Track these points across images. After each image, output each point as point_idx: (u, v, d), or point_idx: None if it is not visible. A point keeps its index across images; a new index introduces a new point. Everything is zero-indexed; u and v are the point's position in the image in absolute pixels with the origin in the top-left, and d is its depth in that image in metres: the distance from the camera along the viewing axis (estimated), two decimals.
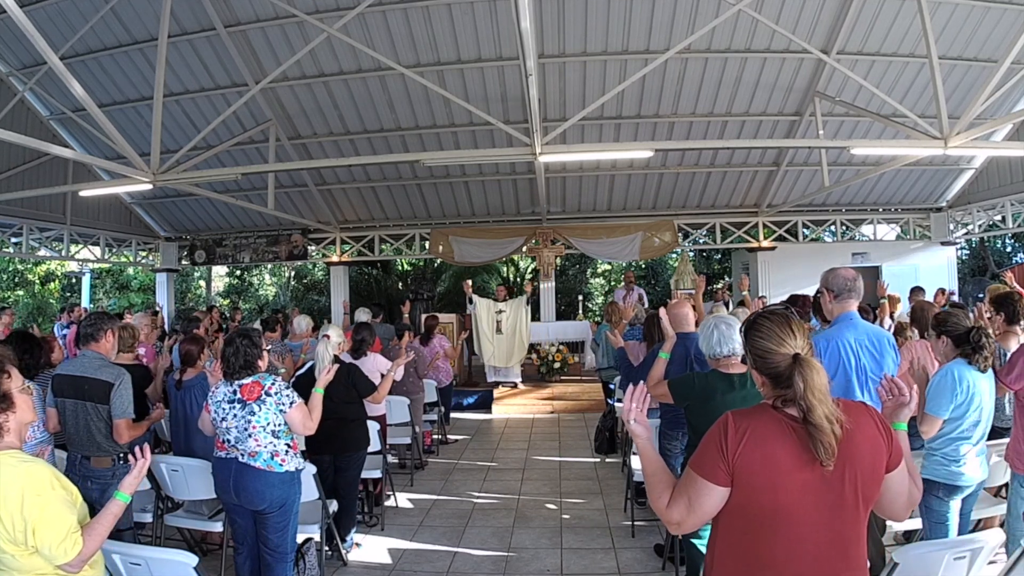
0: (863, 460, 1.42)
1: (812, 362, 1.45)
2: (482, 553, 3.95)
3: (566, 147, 7.47)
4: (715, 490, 1.44)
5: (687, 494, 1.48)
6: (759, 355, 1.53)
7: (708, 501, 1.45)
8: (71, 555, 1.74)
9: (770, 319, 1.55)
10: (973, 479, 2.74)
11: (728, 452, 1.42)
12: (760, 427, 1.44)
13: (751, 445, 1.41)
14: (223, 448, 2.88)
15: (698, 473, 1.46)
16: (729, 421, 1.47)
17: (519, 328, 9.19)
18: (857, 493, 1.41)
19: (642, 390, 1.66)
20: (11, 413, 1.82)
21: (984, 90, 5.65)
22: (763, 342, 1.52)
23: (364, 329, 4.74)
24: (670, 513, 1.51)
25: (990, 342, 2.73)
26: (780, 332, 1.51)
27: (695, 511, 1.47)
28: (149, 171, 6.60)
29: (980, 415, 2.75)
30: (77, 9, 7.29)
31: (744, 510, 1.43)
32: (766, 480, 1.39)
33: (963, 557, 2.10)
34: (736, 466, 1.41)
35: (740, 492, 1.42)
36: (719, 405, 2.56)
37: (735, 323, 2.69)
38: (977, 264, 17.84)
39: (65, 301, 15.68)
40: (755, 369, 1.56)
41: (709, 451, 1.46)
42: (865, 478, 1.42)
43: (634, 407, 1.63)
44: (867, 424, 1.47)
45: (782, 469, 1.39)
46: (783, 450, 1.40)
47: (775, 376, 1.49)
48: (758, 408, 1.51)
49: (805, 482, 1.38)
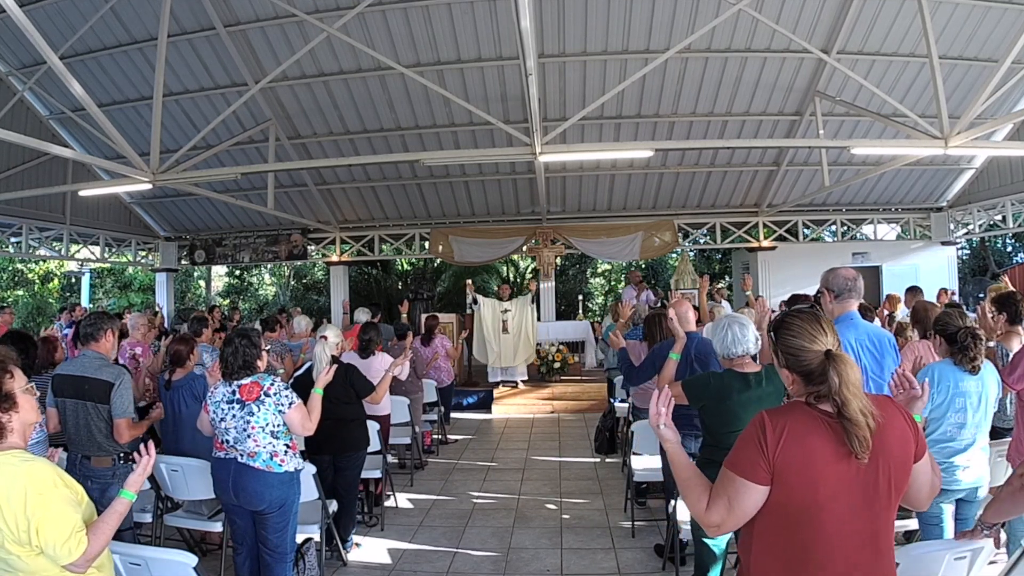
0: (894, 452, 1.46)
1: (845, 357, 1.48)
2: (482, 553, 3.94)
3: (566, 147, 7.47)
4: (756, 489, 1.44)
5: (726, 495, 1.48)
6: (792, 353, 1.55)
7: (748, 500, 1.46)
8: (76, 555, 1.72)
9: (800, 317, 1.58)
10: (964, 483, 2.70)
11: (768, 450, 1.43)
12: (797, 424, 1.45)
13: (790, 441, 1.43)
14: (222, 448, 2.87)
15: (737, 473, 1.47)
16: (765, 419, 1.47)
17: (525, 327, 9.18)
18: (890, 484, 1.45)
19: (667, 393, 1.68)
20: (14, 413, 1.80)
21: (984, 90, 5.64)
22: (795, 340, 1.54)
23: (371, 329, 4.75)
24: (710, 516, 1.51)
25: (978, 344, 2.71)
26: (812, 330, 1.54)
27: (735, 511, 1.47)
28: (149, 171, 6.60)
29: (965, 418, 2.70)
30: (77, 9, 7.29)
31: (783, 507, 1.44)
32: (806, 476, 1.41)
33: (963, 557, 2.10)
34: (777, 463, 1.42)
35: (780, 489, 1.43)
36: (735, 405, 2.56)
37: (749, 323, 2.69)
38: (978, 264, 17.83)
39: (65, 301, 15.67)
40: (786, 367, 1.57)
41: (747, 450, 1.47)
42: (897, 469, 1.46)
43: (663, 411, 1.64)
44: (896, 416, 1.50)
45: (820, 464, 1.41)
46: (820, 445, 1.42)
47: (807, 373, 1.51)
48: (791, 406, 1.53)
49: (842, 476, 1.41)
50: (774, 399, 2.65)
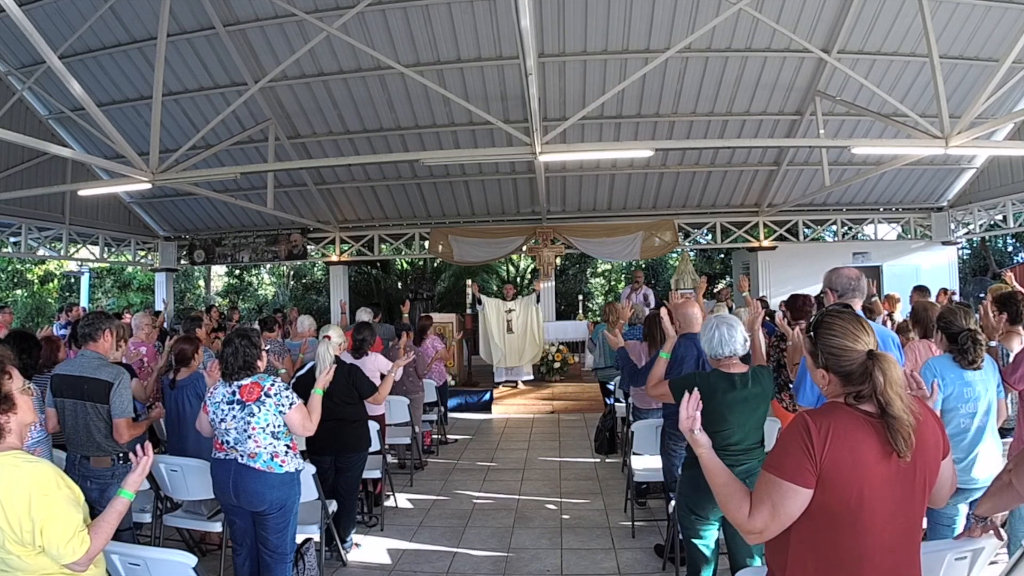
0: (929, 449, 1.48)
1: (888, 356, 1.47)
2: (482, 553, 3.93)
3: (566, 146, 7.46)
4: (802, 492, 1.43)
5: (770, 500, 1.46)
6: (833, 353, 1.52)
7: (794, 504, 1.44)
8: (79, 554, 1.75)
9: (842, 317, 1.56)
10: (980, 479, 2.70)
11: (816, 452, 1.41)
12: (841, 424, 1.44)
13: (837, 443, 1.41)
14: (222, 449, 2.86)
15: (782, 477, 1.44)
16: (809, 421, 1.45)
17: (531, 326, 9.17)
18: (925, 482, 1.47)
19: (696, 397, 1.66)
20: (12, 414, 1.81)
21: (985, 89, 5.64)
22: (838, 339, 1.52)
23: (365, 329, 4.73)
24: (753, 523, 1.48)
25: (978, 348, 2.71)
26: (854, 330, 1.52)
27: (779, 516, 1.45)
28: (148, 170, 6.59)
29: (976, 406, 2.73)
30: (76, 8, 7.28)
31: (827, 508, 1.43)
32: (853, 477, 1.40)
33: (964, 557, 2.10)
34: (824, 466, 1.41)
35: (826, 491, 1.42)
36: (720, 405, 2.56)
37: (737, 324, 2.69)
38: (978, 264, 17.82)
39: (64, 301, 15.66)
40: (824, 367, 1.55)
41: (792, 454, 1.44)
42: (930, 466, 1.48)
43: (697, 416, 1.63)
44: (927, 415, 1.51)
45: (867, 464, 1.41)
46: (866, 446, 1.42)
47: (847, 374, 1.50)
48: (831, 406, 1.52)
49: (886, 475, 1.41)
50: (760, 400, 2.66)
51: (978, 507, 2.09)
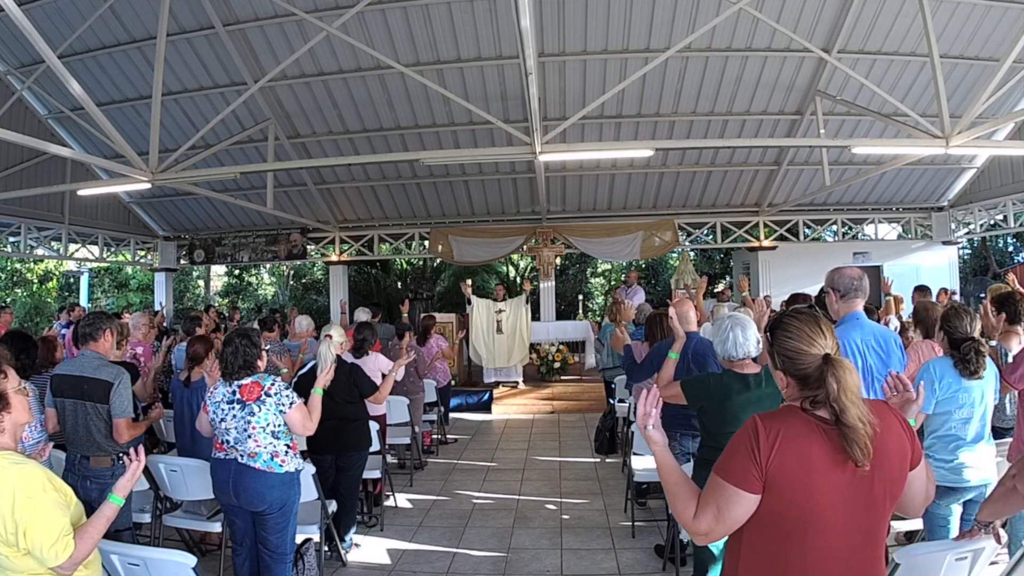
0: (891, 459, 1.40)
1: (844, 362, 1.41)
2: (482, 553, 3.93)
3: (566, 146, 7.45)
4: (747, 497, 1.38)
5: (715, 503, 1.41)
6: (788, 356, 1.47)
7: (739, 509, 1.39)
8: (63, 558, 1.73)
9: (799, 319, 1.50)
10: (972, 481, 2.70)
11: (761, 457, 1.36)
12: (791, 430, 1.39)
13: (785, 449, 1.36)
14: (222, 449, 2.86)
15: (728, 480, 1.40)
16: (759, 425, 1.40)
17: (519, 327, 9.17)
18: (885, 492, 1.39)
19: (655, 393, 1.60)
20: (6, 414, 1.81)
21: (986, 89, 5.63)
22: (793, 342, 1.47)
23: (366, 328, 4.73)
24: (698, 524, 1.44)
25: (980, 358, 2.69)
26: (810, 332, 1.47)
27: (724, 520, 1.41)
28: (148, 170, 6.58)
29: (971, 412, 2.71)
30: (75, 8, 7.27)
31: (776, 515, 1.38)
32: (801, 484, 1.35)
33: (964, 558, 2.10)
34: (770, 471, 1.36)
35: (773, 497, 1.37)
36: (733, 406, 2.55)
37: (750, 325, 2.68)
38: (979, 264, 17.81)
39: (63, 300, 15.65)
40: (782, 370, 1.50)
41: (739, 457, 1.40)
42: (893, 477, 1.41)
43: (653, 412, 1.57)
44: (892, 422, 1.45)
45: (816, 472, 1.35)
46: (816, 452, 1.36)
47: (803, 377, 1.45)
48: (785, 410, 1.47)
49: (837, 484, 1.36)
50: (773, 400, 2.63)
51: (980, 512, 2.07)
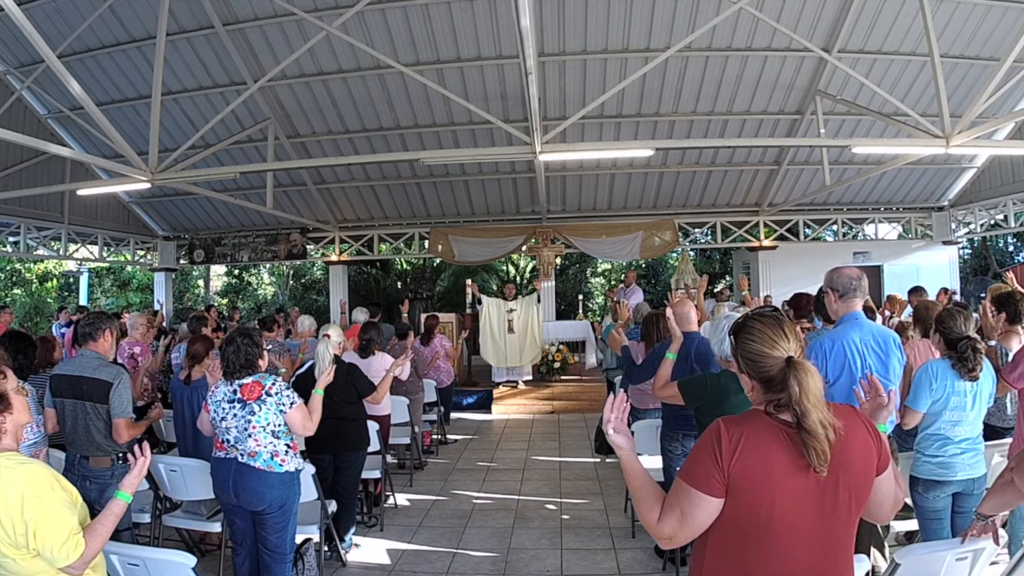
0: (855, 465, 1.39)
1: (806, 365, 1.39)
2: (482, 554, 3.93)
3: (566, 146, 7.45)
4: (709, 501, 1.37)
5: (679, 507, 1.41)
6: (750, 359, 1.46)
7: (702, 513, 1.39)
8: (73, 557, 1.73)
9: (761, 321, 1.48)
10: (957, 475, 2.71)
11: (723, 461, 1.35)
12: (754, 434, 1.38)
13: (747, 453, 1.35)
14: (222, 448, 2.86)
15: (690, 484, 1.39)
16: (721, 429, 1.39)
17: (531, 326, 9.14)
18: (850, 498, 1.38)
19: (622, 399, 1.59)
20: (8, 415, 1.80)
21: (986, 89, 5.63)
22: (755, 345, 1.46)
23: (372, 328, 4.75)
24: (661, 528, 1.43)
25: (977, 356, 2.69)
26: (772, 334, 1.44)
27: (688, 524, 1.40)
28: (147, 170, 6.58)
29: (961, 415, 2.72)
30: (75, 7, 7.27)
31: (738, 520, 1.37)
32: (763, 489, 1.34)
33: (964, 558, 2.10)
34: (732, 475, 1.35)
35: (735, 501, 1.36)
36: (732, 407, 2.54)
37: None
38: (979, 263, 17.82)
39: (63, 300, 15.65)
40: (746, 373, 1.49)
41: (701, 461, 1.39)
42: (858, 482, 1.39)
43: (614, 417, 1.56)
44: (858, 428, 1.43)
45: (778, 477, 1.34)
46: (779, 457, 1.35)
47: (767, 380, 1.43)
48: (750, 414, 1.45)
49: (800, 489, 1.34)
50: None
51: (981, 505, 2.09)
